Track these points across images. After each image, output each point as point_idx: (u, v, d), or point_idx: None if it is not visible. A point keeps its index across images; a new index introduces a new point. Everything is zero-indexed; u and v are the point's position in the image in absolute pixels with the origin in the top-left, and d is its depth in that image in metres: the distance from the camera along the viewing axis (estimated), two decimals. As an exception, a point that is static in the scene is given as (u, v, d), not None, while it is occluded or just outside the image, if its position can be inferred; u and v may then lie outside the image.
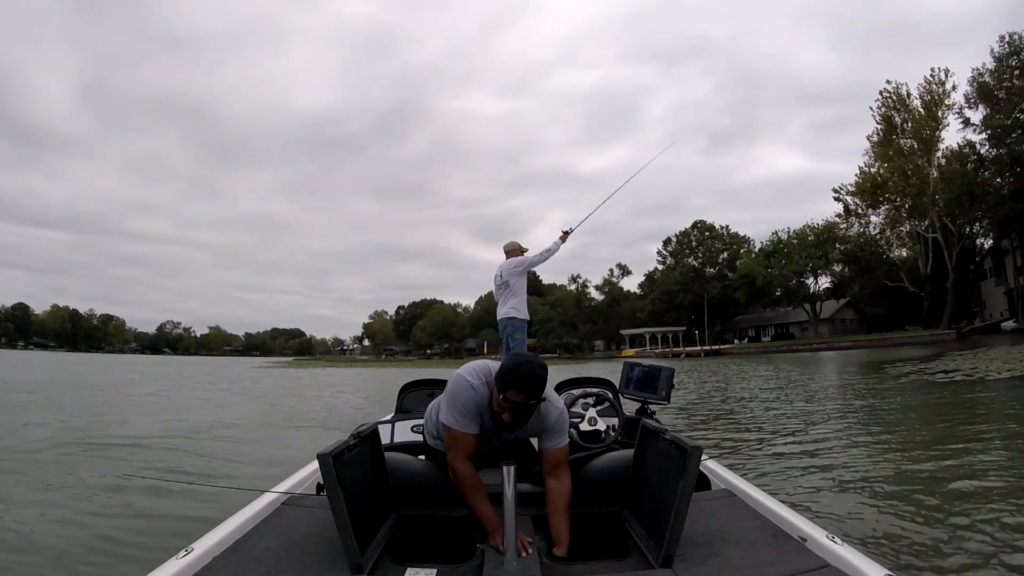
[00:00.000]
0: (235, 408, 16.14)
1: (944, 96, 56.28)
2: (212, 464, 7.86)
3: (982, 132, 50.69)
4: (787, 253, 71.41)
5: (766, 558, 2.25)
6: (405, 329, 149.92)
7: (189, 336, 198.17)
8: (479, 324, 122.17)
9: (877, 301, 69.25)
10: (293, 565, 2.22)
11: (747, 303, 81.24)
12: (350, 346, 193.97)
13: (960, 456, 7.02)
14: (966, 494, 5.44)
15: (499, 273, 7.67)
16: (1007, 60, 47.18)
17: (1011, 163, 47.97)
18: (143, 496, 5.86)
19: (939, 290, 58.74)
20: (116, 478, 6.52)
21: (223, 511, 2.84)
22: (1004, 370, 17.96)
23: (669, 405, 5.06)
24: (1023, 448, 7.48)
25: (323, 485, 2.47)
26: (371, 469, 2.75)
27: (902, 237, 66.09)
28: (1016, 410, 10.83)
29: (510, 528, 2.39)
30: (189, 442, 9.46)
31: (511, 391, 2.61)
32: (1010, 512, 4.78)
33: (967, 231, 57.68)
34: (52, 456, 8.13)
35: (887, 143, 60.63)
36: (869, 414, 11.41)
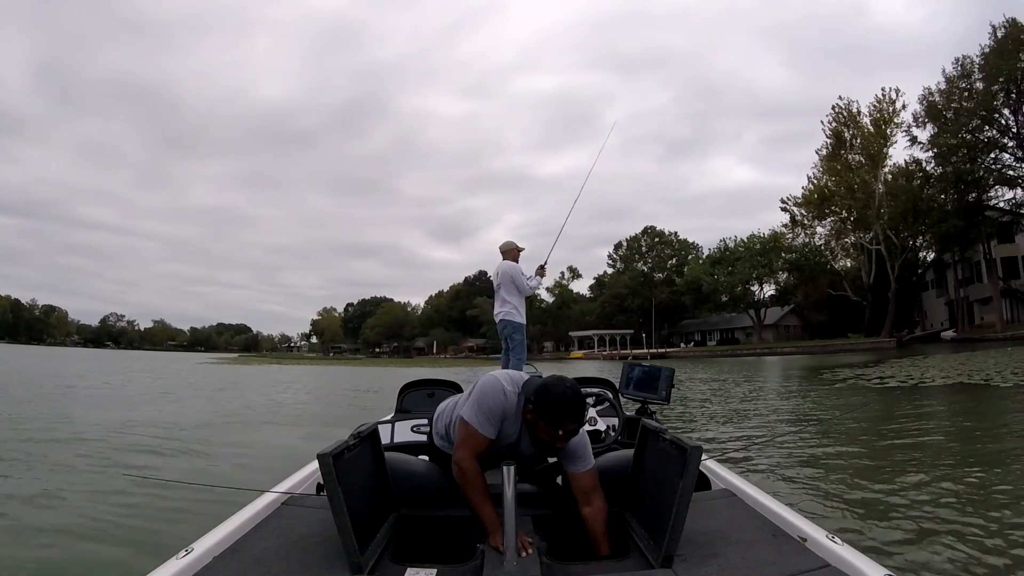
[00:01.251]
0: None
1: (893, 114, 56.75)
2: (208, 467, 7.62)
3: (929, 150, 50.64)
4: (733, 261, 71.17)
5: (766, 558, 2.19)
6: (354, 327, 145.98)
7: (133, 330, 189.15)
8: (429, 323, 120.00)
9: (820, 309, 69.63)
10: (293, 565, 2.16)
11: (694, 308, 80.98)
12: (297, 343, 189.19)
13: (960, 458, 7.01)
14: (966, 495, 5.40)
15: (497, 273, 7.62)
16: (957, 82, 47.30)
17: (955, 181, 48.04)
18: (143, 496, 5.72)
19: (881, 300, 59.29)
20: (115, 478, 6.39)
21: (223, 511, 2.73)
22: (938, 377, 18.18)
23: (669, 405, 5.00)
24: (1014, 454, 7.27)
25: (323, 485, 2.41)
26: (371, 469, 2.68)
27: (847, 248, 66.40)
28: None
29: (510, 528, 2.31)
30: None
31: (568, 423, 2.57)
32: (1009, 512, 4.76)
33: (910, 244, 58.11)
34: (51, 456, 7.90)
35: (835, 157, 60.83)
36: (869, 414, 11.34)
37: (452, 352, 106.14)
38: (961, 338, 48.95)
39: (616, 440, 3.96)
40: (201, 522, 3.11)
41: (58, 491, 6.12)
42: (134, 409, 13.59)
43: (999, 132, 46.53)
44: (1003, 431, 8.90)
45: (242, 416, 13.28)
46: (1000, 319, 49.07)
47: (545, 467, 3.15)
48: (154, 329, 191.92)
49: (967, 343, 43.38)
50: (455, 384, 5.04)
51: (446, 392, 4.81)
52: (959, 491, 5.52)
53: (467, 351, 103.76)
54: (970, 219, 48.30)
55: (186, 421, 11.51)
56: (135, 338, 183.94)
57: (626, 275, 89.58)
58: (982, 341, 42.49)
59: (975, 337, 46.77)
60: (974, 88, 46.39)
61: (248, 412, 14.15)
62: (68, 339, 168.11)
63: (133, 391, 19.87)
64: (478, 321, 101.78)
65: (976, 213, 48.55)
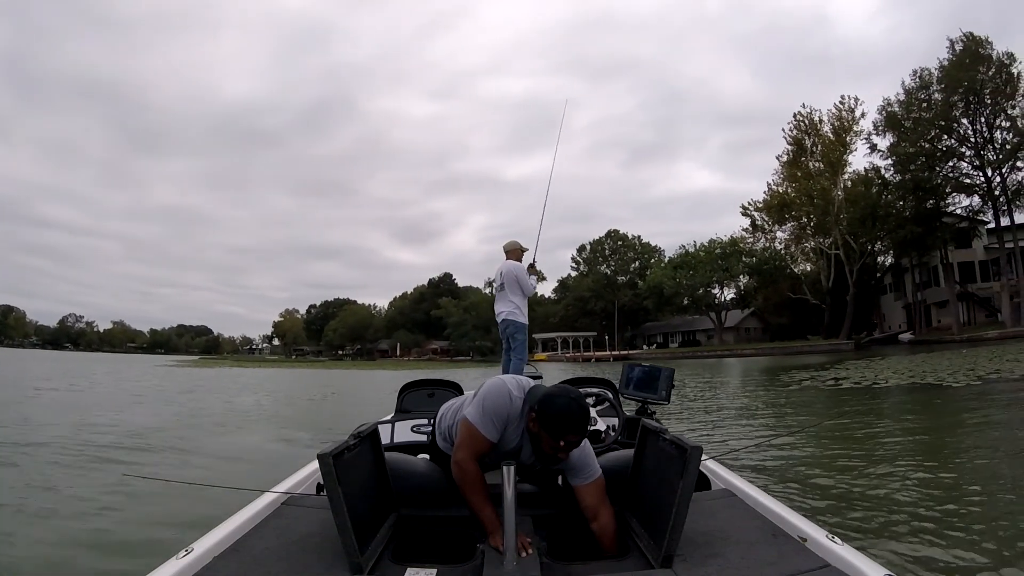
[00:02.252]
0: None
1: (853, 123, 56.93)
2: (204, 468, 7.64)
3: (888, 158, 50.64)
4: (695, 264, 70.96)
5: (766, 558, 2.17)
6: (316, 329, 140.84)
7: (92, 331, 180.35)
8: (393, 325, 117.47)
9: (780, 311, 69.81)
10: (293, 565, 2.14)
11: (656, 311, 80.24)
12: (259, 345, 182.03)
13: (959, 458, 7.00)
14: (966, 495, 5.37)
15: (500, 273, 7.45)
16: (916, 93, 47.37)
17: (913, 188, 48.29)
18: (142, 496, 5.74)
19: (840, 303, 59.45)
20: (115, 478, 6.34)
21: (223, 511, 2.66)
22: (892, 378, 18.36)
23: (669, 405, 4.96)
24: (1010, 454, 7.25)
25: (323, 485, 2.39)
26: (371, 469, 2.64)
27: (806, 252, 66.34)
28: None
29: (510, 528, 2.29)
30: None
31: (571, 435, 2.50)
32: (1009, 512, 4.76)
33: (869, 249, 58.29)
34: (49, 456, 7.97)
35: (796, 164, 60.86)
36: (867, 415, 11.22)
37: (416, 354, 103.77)
38: (918, 340, 49.38)
39: (616, 440, 3.85)
40: (201, 522, 3.00)
41: (58, 491, 6.12)
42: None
43: (957, 141, 46.73)
44: (996, 431, 8.91)
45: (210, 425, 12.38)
46: (957, 322, 49.39)
47: (545, 467, 2.90)
48: (113, 331, 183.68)
49: (924, 345, 43.56)
50: (456, 384, 4.99)
51: (446, 392, 4.81)
52: (959, 491, 5.49)
53: (431, 353, 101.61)
54: (928, 225, 48.42)
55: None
56: (94, 340, 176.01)
57: (589, 278, 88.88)
58: (939, 343, 42.67)
59: (932, 339, 47.03)
60: (932, 99, 46.51)
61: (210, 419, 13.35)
62: (26, 340, 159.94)
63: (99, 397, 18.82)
64: (442, 323, 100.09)
65: (934, 219, 48.68)
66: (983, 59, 43.14)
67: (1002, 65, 42.97)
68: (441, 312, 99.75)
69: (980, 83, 43.28)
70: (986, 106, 44.02)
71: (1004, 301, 46.46)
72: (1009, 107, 43.51)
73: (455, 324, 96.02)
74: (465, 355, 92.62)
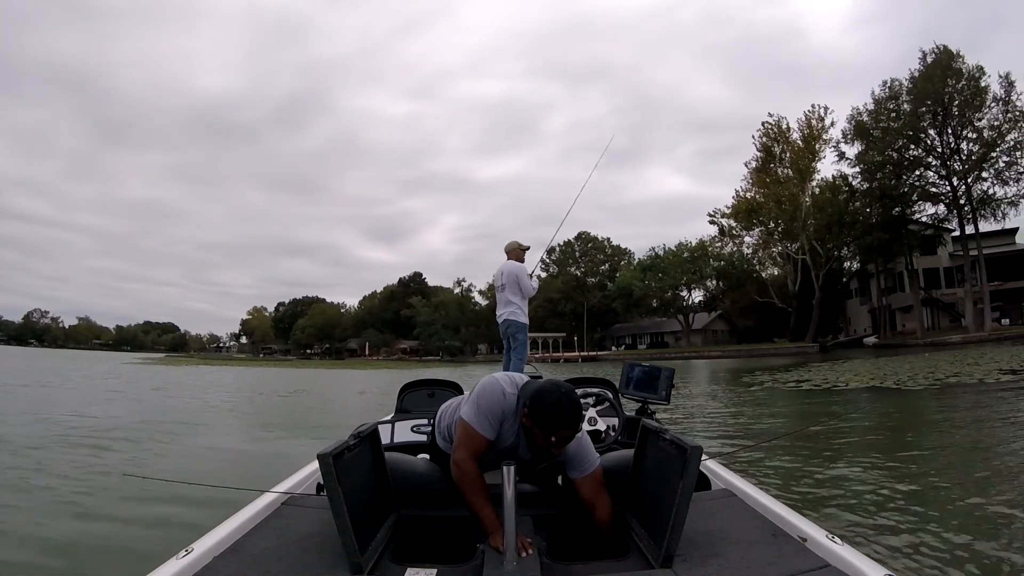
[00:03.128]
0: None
1: (822, 131, 57.27)
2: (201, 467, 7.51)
3: (855, 166, 50.81)
4: (663, 267, 70.57)
5: (766, 558, 2.13)
6: (285, 327, 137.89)
7: (57, 327, 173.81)
8: (362, 325, 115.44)
9: (747, 314, 69.81)
10: (293, 565, 2.11)
11: (625, 313, 79.85)
12: (227, 343, 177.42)
13: (958, 459, 7.03)
14: (965, 495, 5.28)
15: (500, 273, 7.36)
16: (885, 103, 47.44)
17: (880, 196, 48.34)
18: (142, 496, 5.62)
19: (806, 306, 59.77)
20: (115, 478, 6.34)
21: (223, 511, 2.62)
22: (852, 381, 18.15)
23: (669, 405, 4.90)
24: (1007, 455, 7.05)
25: (323, 485, 2.36)
26: (371, 469, 2.61)
27: (773, 257, 66.80)
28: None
29: (510, 528, 2.24)
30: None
31: (561, 430, 2.44)
32: (1009, 512, 4.68)
33: (835, 254, 58.50)
34: (48, 457, 7.84)
35: (765, 170, 60.90)
36: (869, 416, 11.09)
37: (385, 354, 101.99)
38: (883, 344, 49.76)
39: (616, 440, 3.83)
40: (201, 522, 2.94)
41: (58, 491, 6.01)
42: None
43: (924, 151, 46.80)
44: (989, 432, 8.82)
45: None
46: (921, 326, 49.61)
47: (545, 467, 2.90)
48: (79, 327, 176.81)
49: (889, 348, 43.95)
50: (455, 384, 4.88)
51: (446, 392, 4.72)
52: (959, 491, 5.44)
53: (400, 353, 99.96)
54: (894, 232, 48.52)
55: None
56: (59, 336, 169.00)
57: (559, 279, 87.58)
58: (903, 347, 43.02)
59: (896, 343, 47.51)
60: (901, 109, 46.54)
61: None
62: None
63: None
64: (412, 323, 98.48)
65: (900, 226, 48.78)
66: (954, 72, 43.27)
67: (972, 78, 43.15)
68: (411, 311, 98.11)
69: (949, 95, 43.40)
70: (954, 117, 44.06)
71: (967, 307, 46.83)
72: (976, 119, 43.80)
73: (424, 324, 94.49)
74: (434, 355, 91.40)
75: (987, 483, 5.70)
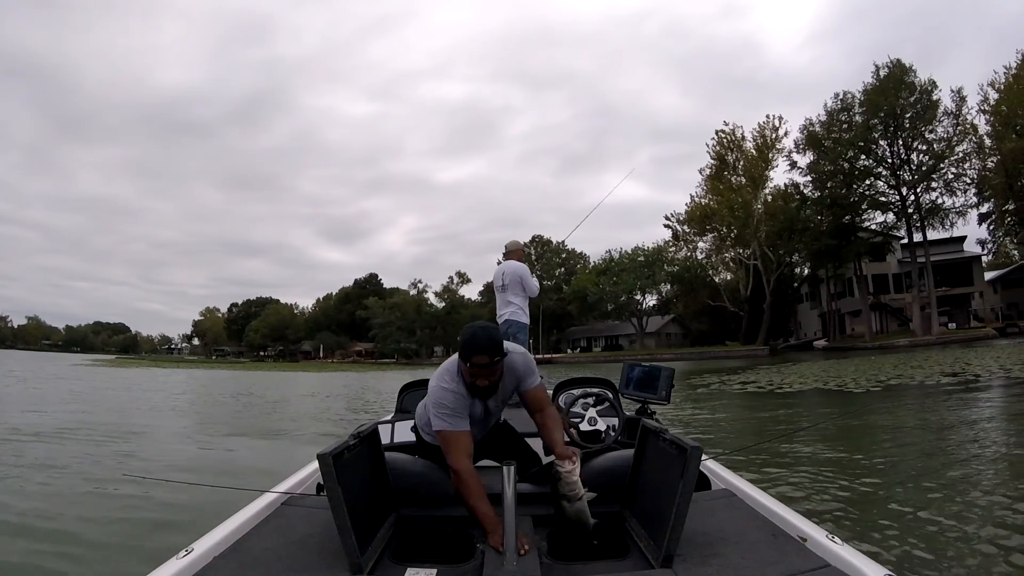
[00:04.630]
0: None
1: (776, 140, 57.03)
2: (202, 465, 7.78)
3: (807, 175, 50.76)
4: (618, 271, 69.47)
5: (766, 558, 2.08)
6: (238, 329, 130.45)
7: (5, 327, 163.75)
8: (317, 326, 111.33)
9: (700, 318, 69.44)
10: (293, 565, 2.07)
11: (580, 316, 78.81)
12: (178, 345, 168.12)
13: (958, 458, 6.91)
14: (966, 495, 5.21)
15: (501, 273, 7.18)
16: (838, 115, 47.35)
17: (830, 204, 48.25)
18: (142, 496, 5.61)
19: (757, 310, 59.47)
20: (115, 478, 6.26)
21: (223, 511, 2.58)
22: (796, 383, 18.18)
23: (669, 405, 4.74)
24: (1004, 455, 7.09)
25: (323, 485, 2.31)
26: (371, 469, 2.56)
27: (726, 262, 66.54)
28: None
29: (510, 528, 2.20)
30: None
31: (475, 357, 2.55)
32: (1008, 511, 4.66)
33: (786, 260, 58.61)
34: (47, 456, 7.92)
35: (719, 178, 60.45)
36: (868, 416, 10.91)
37: (340, 356, 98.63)
38: (832, 347, 50.38)
39: (616, 440, 3.67)
40: (201, 522, 2.84)
41: (57, 491, 6.00)
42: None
43: (875, 161, 46.89)
44: (986, 432, 8.77)
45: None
46: (869, 330, 49.95)
47: (545, 467, 2.83)
48: (28, 327, 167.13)
49: (838, 351, 44.24)
50: None
51: None
52: (958, 491, 5.37)
53: (355, 355, 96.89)
54: (843, 239, 48.41)
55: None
56: (8, 336, 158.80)
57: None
58: (852, 350, 43.47)
59: (845, 346, 47.93)
60: (853, 121, 46.50)
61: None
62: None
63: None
64: (367, 325, 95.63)
65: (849, 234, 48.70)
66: (907, 85, 43.33)
67: (924, 92, 43.29)
68: (367, 313, 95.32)
69: (901, 107, 43.44)
70: (905, 129, 44.17)
71: (915, 311, 47.25)
72: (927, 131, 43.96)
73: (380, 326, 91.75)
74: (390, 357, 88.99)
75: (1001, 485, 5.60)
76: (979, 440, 8.07)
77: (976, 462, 6.67)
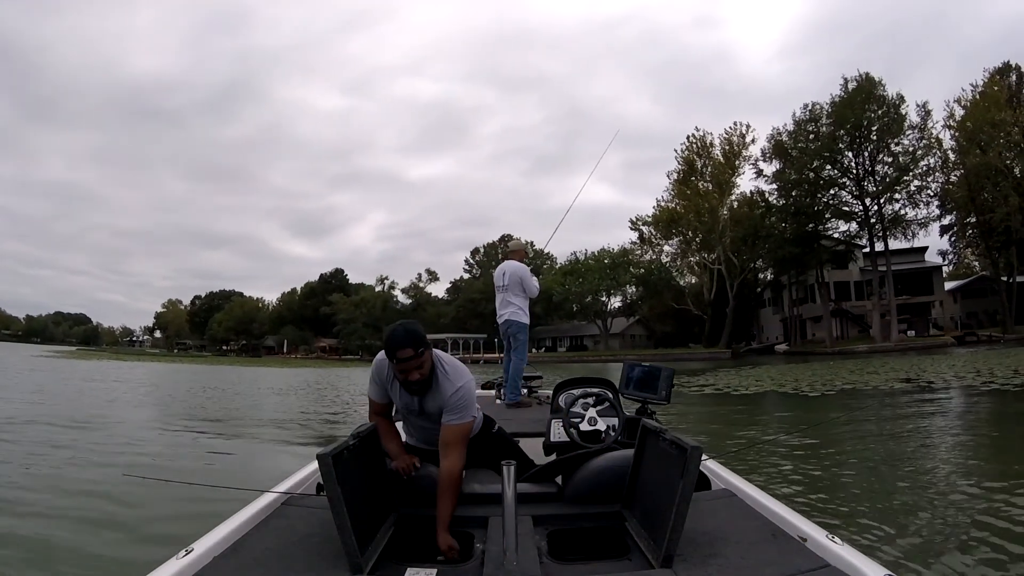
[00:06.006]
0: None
1: (743, 148, 56.56)
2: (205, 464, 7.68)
3: (773, 183, 50.56)
4: (584, 272, 68.48)
5: (766, 558, 2.05)
6: (201, 322, 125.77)
7: None
8: (281, 321, 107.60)
9: (664, 320, 68.71)
10: (293, 565, 2.04)
11: (545, 316, 78.07)
12: (140, 337, 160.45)
13: (964, 458, 6.82)
14: (966, 495, 5.15)
15: (503, 273, 7.05)
16: (805, 125, 47.02)
17: (794, 212, 48.13)
18: (142, 496, 5.49)
19: (720, 314, 59.11)
20: (115, 478, 6.03)
21: (223, 511, 2.52)
22: (752, 387, 18.06)
23: (669, 405, 4.51)
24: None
25: (323, 485, 2.24)
26: (371, 469, 2.54)
27: (691, 266, 65.92)
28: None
29: (510, 528, 2.17)
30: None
31: (399, 351, 2.53)
32: (1008, 511, 4.60)
33: (750, 266, 58.25)
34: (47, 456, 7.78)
35: (686, 183, 59.76)
36: (868, 416, 10.74)
37: (303, 352, 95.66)
38: (793, 351, 50.26)
39: (616, 440, 3.35)
40: (201, 522, 2.70)
41: (57, 491, 5.93)
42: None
43: (840, 172, 46.63)
44: (984, 433, 8.79)
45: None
46: (830, 335, 49.75)
47: (545, 467, 2.95)
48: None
49: (799, 356, 44.13)
50: None
51: None
52: (958, 491, 5.28)
53: (319, 351, 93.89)
54: (806, 247, 48.26)
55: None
56: None
57: (481, 281, 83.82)
58: (812, 354, 43.31)
59: (806, 351, 47.84)
60: (820, 131, 46.17)
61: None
62: None
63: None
64: (332, 320, 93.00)
65: (812, 242, 48.55)
66: (875, 99, 43.06)
67: (892, 105, 43.09)
68: (331, 309, 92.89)
69: (868, 120, 43.18)
70: (871, 142, 43.98)
71: (875, 318, 47.24)
72: (893, 144, 43.79)
73: (345, 321, 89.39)
74: (354, 354, 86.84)
75: (1001, 485, 5.44)
76: (979, 441, 8.03)
77: (977, 462, 6.57)
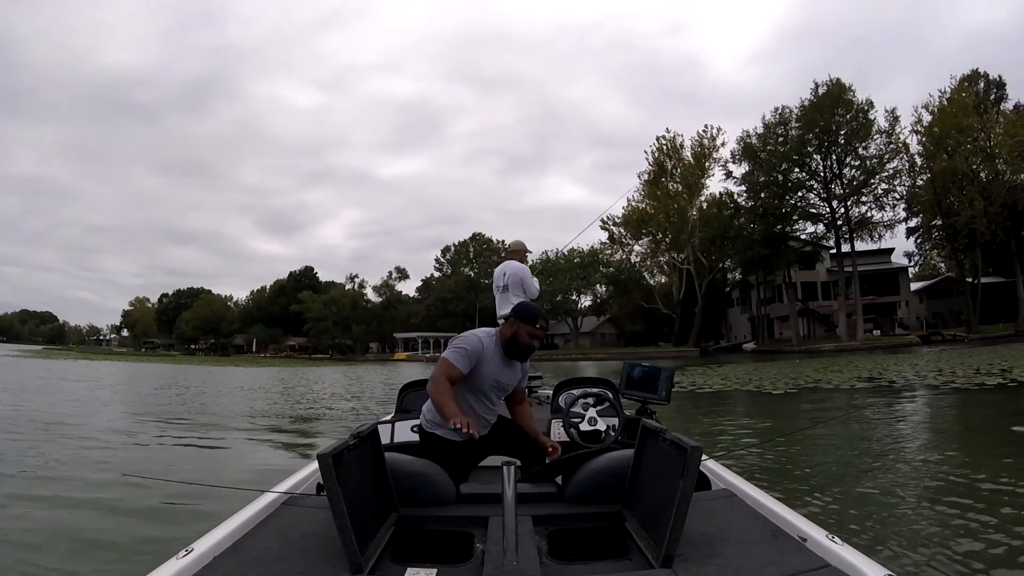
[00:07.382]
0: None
1: (713, 149, 55.97)
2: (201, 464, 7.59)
3: (742, 185, 50.04)
4: (555, 271, 67.25)
5: (766, 558, 2.01)
6: (168, 320, 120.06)
7: None
8: (250, 319, 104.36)
9: (634, 319, 67.97)
10: (293, 565, 2.00)
11: (515, 314, 77.66)
12: (107, 336, 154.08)
13: (960, 459, 6.67)
14: (967, 495, 4.95)
15: (503, 273, 6.71)
16: (775, 128, 46.49)
17: (762, 214, 47.63)
18: (142, 496, 5.37)
19: (689, 313, 58.51)
20: (115, 478, 6.06)
21: (223, 511, 2.49)
22: (716, 385, 18.03)
23: (669, 405, 4.55)
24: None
25: (323, 485, 2.21)
26: (371, 469, 2.45)
27: (660, 265, 65.26)
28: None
29: (510, 528, 2.10)
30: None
31: (541, 322, 2.98)
32: (1008, 511, 4.52)
33: (719, 266, 57.64)
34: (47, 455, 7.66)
35: (656, 184, 59.03)
36: (866, 416, 10.37)
37: (273, 351, 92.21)
38: (760, 350, 49.86)
39: (616, 440, 3.52)
40: (201, 522, 2.81)
41: (57, 491, 5.82)
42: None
43: (808, 175, 46.21)
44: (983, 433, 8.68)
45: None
46: (796, 335, 49.56)
47: (545, 467, 2.86)
48: None
49: (766, 354, 43.66)
50: None
51: None
52: (957, 491, 5.13)
53: (288, 350, 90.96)
54: (774, 248, 47.79)
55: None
56: None
57: (452, 279, 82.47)
58: (779, 353, 42.80)
59: (773, 349, 47.41)
60: (790, 135, 45.71)
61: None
62: None
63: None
64: (302, 319, 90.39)
65: (780, 243, 48.07)
66: (844, 103, 42.68)
67: (861, 110, 42.74)
68: (301, 307, 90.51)
69: (837, 124, 42.77)
70: (839, 145, 43.58)
71: (841, 318, 46.99)
72: (861, 148, 43.52)
73: (315, 320, 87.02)
74: (324, 353, 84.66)
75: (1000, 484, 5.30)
76: (977, 442, 7.95)
77: (977, 463, 6.38)
